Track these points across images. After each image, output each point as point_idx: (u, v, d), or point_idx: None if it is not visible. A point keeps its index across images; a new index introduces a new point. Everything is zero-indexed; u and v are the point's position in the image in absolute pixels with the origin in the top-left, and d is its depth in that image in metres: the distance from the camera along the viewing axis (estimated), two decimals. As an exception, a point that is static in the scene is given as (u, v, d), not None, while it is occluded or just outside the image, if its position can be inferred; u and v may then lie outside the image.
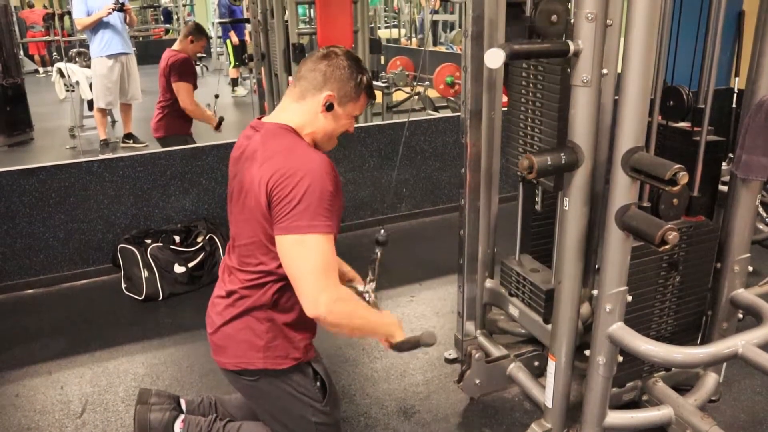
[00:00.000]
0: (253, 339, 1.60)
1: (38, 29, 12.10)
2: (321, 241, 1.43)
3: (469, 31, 1.98)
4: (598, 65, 1.51)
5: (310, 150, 1.50)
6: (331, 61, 1.55)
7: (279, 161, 1.45)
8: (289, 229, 1.43)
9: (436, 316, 2.94)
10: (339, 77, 1.55)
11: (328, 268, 1.44)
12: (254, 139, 1.55)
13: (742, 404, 2.28)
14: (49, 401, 2.41)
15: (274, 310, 1.59)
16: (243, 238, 1.58)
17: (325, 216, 1.43)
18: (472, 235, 2.19)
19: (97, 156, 4.29)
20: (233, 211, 1.64)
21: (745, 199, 1.88)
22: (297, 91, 1.58)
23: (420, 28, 11.12)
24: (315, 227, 1.42)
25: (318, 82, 1.55)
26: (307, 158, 1.46)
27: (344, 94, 1.57)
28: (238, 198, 1.58)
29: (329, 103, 1.55)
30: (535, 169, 1.54)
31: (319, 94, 1.55)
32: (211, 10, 12.46)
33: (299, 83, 1.58)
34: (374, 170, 3.98)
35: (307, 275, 1.43)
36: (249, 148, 1.55)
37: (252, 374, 1.64)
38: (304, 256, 1.43)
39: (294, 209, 1.41)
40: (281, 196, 1.43)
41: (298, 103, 1.58)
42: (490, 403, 2.32)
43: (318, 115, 1.57)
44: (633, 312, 1.80)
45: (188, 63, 4.13)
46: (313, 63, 1.57)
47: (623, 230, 1.53)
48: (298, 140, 1.53)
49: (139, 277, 3.16)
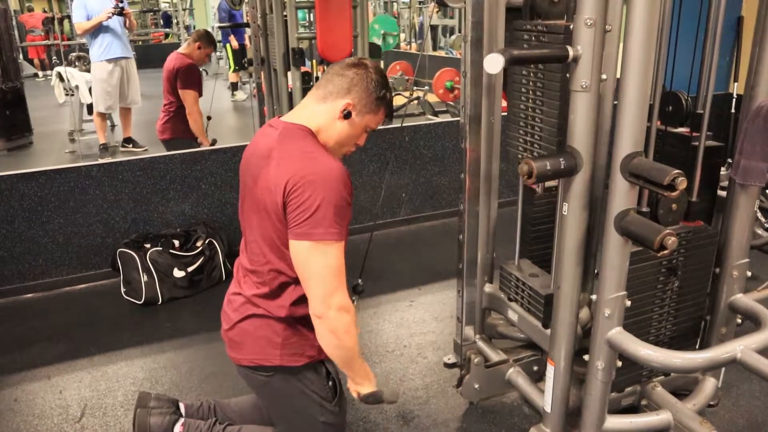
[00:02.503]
0: (271, 336, 1.62)
1: (38, 33, 12.10)
2: (335, 248, 1.47)
3: (469, 37, 1.99)
4: (597, 70, 1.52)
5: (329, 157, 1.51)
6: (360, 71, 1.57)
7: (297, 164, 1.46)
8: (305, 235, 1.45)
9: (435, 321, 2.94)
10: (364, 88, 1.56)
11: (340, 273, 1.49)
12: (271, 137, 1.56)
13: (741, 409, 2.28)
14: (48, 406, 2.40)
15: (290, 309, 1.60)
16: (255, 235, 1.60)
17: (339, 224, 1.45)
18: (472, 239, 2.20)
19: (97, 160, 4.30)
20: (245, 209, 1.64)
21: (743, 204, 1.88)
22: (320, 93, 1.59)
23: (419, 33, 11.13)
24: (330, 234, 1.44)
25: (342, 88, 1.56)
26: (326, 165, 1.47)
27: (365, 105, 1.58)
28: (252, 196, 1.59)
29: (347, 111, 1.56)
30: (534, 174, 1.55)
31: (341, 100, 1.56)
32: (211, 14, 12.46)
33: (324, 86, 1.59)
34: (373, 175, 3.98)
35: (320, 278, 1.47)
36: (265, 146, 1.55)
37: (267, 370, 1.65)
38: (320, 261, 1.46)
39: (312, 216, 1.43)
40: (299, 201, 1.44)
41: (319, 104, 1.58)
42: (490, 408, 2.32)
43: (335, 121, 1.58)
44: (632, 317, 1.80)
45: (194, 69, 4.14)
46: (342, 69, 1.58)
47: (622, 235, 1.54)
48: (316, 144, 1.54)
49: (138, 281, 3.16)
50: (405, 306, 3.10)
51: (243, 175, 1.65)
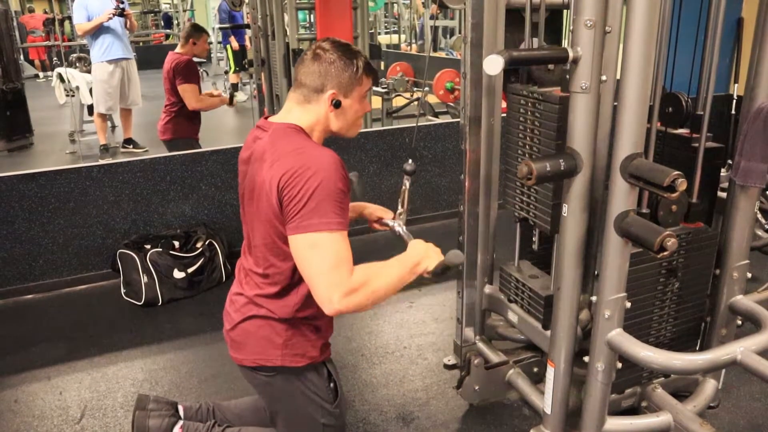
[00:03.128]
0: (272, 336, 1.61)
1: (38, 34, 12.15)
2: (333, 239, 1.42)
3: (469, 38, 1.99)
4: (597, 72, 1.52)
5: (319, 148, 1.50)
6: (322, 60, 1.55)
7: (289, 161, 1.45)
8: (300, 228, 1.43)
9: (435, 322, 2.94)
10: (335, 73, 1.55)
11: (340, 264, 1.42)
12: (263, 139, 1.55)
13: (741, 410, 2.28)
14: (48, 407, 2.40)
15: (294, 310, 1.59)
16: (257, 239, 1.59)
17: (335, 213, 1.42)
18: (471, 240, 2.20)
19: (97, 161, 4.30)
20: (246, 212, 1.64)
21: (743, 205, 1.88)
22: (300, 96, 1.58)
23: (420, 34, 11.13)
24: (326, 224, 1.41)
25: (317, 85, 1.55)
26: (317, 157, 1.46)
27: (347, 84, 1.56)
28: (250, 199, 1.58)
29: (336, 101, 1.56)
30: (534, 175, 1.54)
31: (323, 95, 1.55)
32: (212, 15, 12.48)
33: (299, 89, 1.58)
34: (374, 176, 3.98)
35: (318, 275, 1.42)
36: (258, 149, 1.55)
37: (268, 371, 1.65)
38: (316, 255, 1.42)
39: (304, 207, 1.41)
40: (292, 195, 1.42)
41: (303, 106, 1.58)
42: (489, 410, 2.31)
43: (329, 115, 1.57)
44: (632, 318, 1.80)
45: (191, 64, 4.14)
46: (307, 67, 1.56)
47: (622, 236, 1.53)
48: (306, 140, 1.53)
49: (138, 282, 3.16)
50: (405, 307, 3.10)
51: (242, 181, 1.65)
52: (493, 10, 1.95)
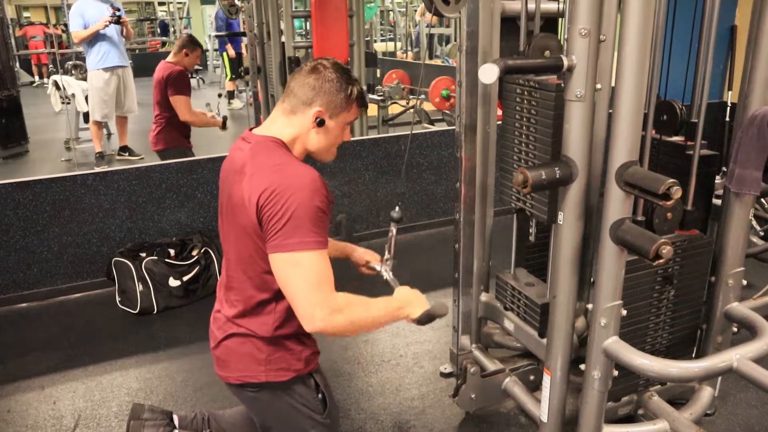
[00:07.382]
0: (254, 352, 1.59)
1: (39, 39, 12.32)
2: (313, 257, 1.42)
3: (464, 46, 2.00)
4: (592, 80, 1.52)
5: (300, 166, 1.49)
6: (320, 75, 1.54)
7: (268, 177, 1.44)
8: (280, 247, 1.42)
9: (431, 330, 2.93)
10: (328, 90, 1.54)
11: (321, 282, 1.42)
12: (244, 151, 1.55)
13: (738, 418, 2.27)
14: (42, 416, 2.39)
15: (274, 325, 1.58)
16: (235, 254, 1.58)
17: (315, 232, 1.42)
18: (467, 248, 2.19)
19: (93, 169, 4.29)
20: (224, 226, 1.63)
21: (738, 212, 1.88)
22: (287, 106, 1.57)
23: (416, 42, 11.16)
24: (306, 244, 1.41)
25: (307, 98, 1.54)
26: (297, 175, 1.45)
27: (335, 107, 1.56)
28: (227, 212, 1.58)
29: (320, 119, 1.55)
30: (529, 183, 1.55)
31: (309, 110, 1.54)
32: (208, 23, 12.52)
33: (288, 98, 1.57)
34: (369, 183, 3.98)
35: (300, 293, 1.42)
36: (238, 161, 1.54)
37: (254, 387, 1.63)
38: (297, 274, 1.42)
39: (284, 227, 1.40)
40: (272, 213, 1.42)
41: (288, 117, 1.57)
42: (486, 418, 2.31)
43: (310, 131, 1.56)
44: (628, 326, 1.80)
45: (183, 76, 4.13)
46: (302, 77, 1.56)
47: (618, 244, 1.54)
48: (287, 155, 1.52)
49: (133, 290, 3.15)
50: (401, 315, 3.09)
51: (221, 193, 1.64)
52: (488, 18, 1.95)
